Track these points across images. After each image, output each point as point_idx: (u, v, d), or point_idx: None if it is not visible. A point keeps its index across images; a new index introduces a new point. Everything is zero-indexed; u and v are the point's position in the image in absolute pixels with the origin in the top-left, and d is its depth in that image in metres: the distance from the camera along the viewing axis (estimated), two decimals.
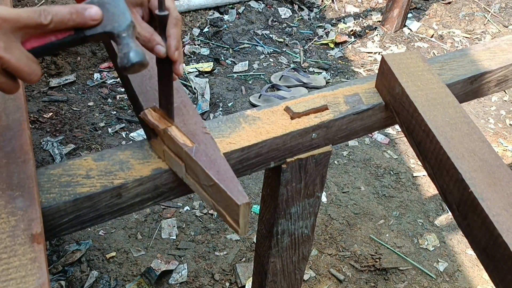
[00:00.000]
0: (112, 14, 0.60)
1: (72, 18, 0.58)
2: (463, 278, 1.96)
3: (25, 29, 0.57)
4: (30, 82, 0.60)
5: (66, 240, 1.96)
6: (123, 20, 0.60)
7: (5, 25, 0.55)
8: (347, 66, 3.20)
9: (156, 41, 0.68)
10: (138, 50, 0.59)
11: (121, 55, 0.59)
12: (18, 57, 0.57)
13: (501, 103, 2.98)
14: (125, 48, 0.59)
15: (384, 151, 2.55)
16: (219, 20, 3.40)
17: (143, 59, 0.59)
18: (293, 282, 1.19)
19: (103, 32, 0.60)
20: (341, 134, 0.95)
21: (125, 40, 0.60)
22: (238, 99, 2.82)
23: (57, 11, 0.58)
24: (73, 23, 0.59)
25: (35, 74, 0.59)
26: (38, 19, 0.57)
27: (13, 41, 0.57)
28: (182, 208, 2.14)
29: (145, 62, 0.60)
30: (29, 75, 0.59)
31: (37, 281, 0.57)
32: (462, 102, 1.04)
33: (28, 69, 0.58)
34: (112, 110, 2.64)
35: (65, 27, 0.59)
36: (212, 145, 0.74)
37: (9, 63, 0.56)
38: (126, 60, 0.59)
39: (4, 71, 0.58)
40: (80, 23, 0.59)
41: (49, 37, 0.59)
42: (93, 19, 0.59)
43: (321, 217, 2.15)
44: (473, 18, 3.74)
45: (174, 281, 1.85)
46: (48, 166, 0.75)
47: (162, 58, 0.70)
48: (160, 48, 0.68)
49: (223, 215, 0.70)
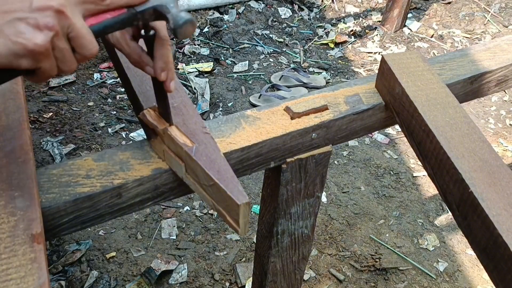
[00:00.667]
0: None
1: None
2: (463, 278, 1.96)
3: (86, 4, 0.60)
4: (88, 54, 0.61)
5: (66, 240, 1.96)
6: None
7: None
8: (347, 66, 3.20)
9: (145, 62, 0.70)
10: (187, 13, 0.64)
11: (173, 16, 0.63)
12: (82, 24, 0.60)
13: (501, 103, 2.98)
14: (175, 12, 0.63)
15: (384, 151, 2.55)
16: (219, 20, 3.40)
17: (192, 18, 0.63)
18: (293, 282, 1.19)
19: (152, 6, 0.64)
20: (341, 134, 0.95)
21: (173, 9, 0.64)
22: (238, 99, 2.82)
23: None
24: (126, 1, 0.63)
25: (94, 46, 0.61)
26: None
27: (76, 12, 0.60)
28: (182, 208, 2.14)
29: (194, 21, 0.64)
30: (90, 44, 0.61)
31: (37, 281, 0.57)
32: (462, 102, 1.04)
33: (89, 38, 0.60)
34: (112, 110, 2.64)
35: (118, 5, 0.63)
36: (212, 145, 0.74)
37: (74, 27, 0.58)
38: (178, 18, 0.62)
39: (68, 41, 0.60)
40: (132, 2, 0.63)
41: (105, 15, 0.63)
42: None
43: (321, 217, 2.15)
44: (473, 18, 3.74)
45: (174, 281, 1.85)
46: (48, 166, 0.75)
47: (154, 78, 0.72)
48: (149, 69, 0.70)
49: (223, 215, 0.70)
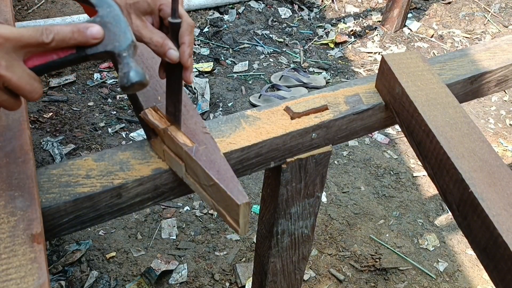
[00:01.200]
0: (114, 34, 0.61)
1: (74, 37, 0.59)
2: (463, 278, 1.96)
3: (27, 48, 0.58)
4: (31, 100, 0.60)
5: (66, 240, 1.96)
6: (124, 40, 0.61)
7: (7, 44, 0.56)
8: (347, 66, 3.20)
9: (169, 45, 0.68)
10: (138, 70, 0.60)
11: (121, 74, 0.60)
12: (19, 75, 0.57)
13: (501, 103, 2.98)
14: (125, 68, 0.60)
15: (384, 151, 2.55)
16: (219, 20, 3.40)
17: (143, 78, 0.60)
18: (293, 282, 1.19)
19: (104, 51, 0.61)
20: (341, 134, 0.95)
21: (125, 59, 0.60)
22: (238, 99, 2.82)
23: (59, 30, 0.58)
24: (75, 42, 0.59)
25: (36, 92, 0.60)
26: (40, 38, 0.57)
27: (15, 59, 0.57)
28: (182, 208, 2.14)
29: (145, 81, 0.60)
30: (31, 93, 0.59)
31: (37, 281, 0.57)
32: (462, 102, 1.04)
33: (29, 87, 0.59)
34: (112, 110, 2.64)
35: (66, 45, 0.59)
36: (212, 145, 0.74)
37: (11, 82, 0.57)
38: (126, 80, 0.59)
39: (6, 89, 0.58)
40: (81, 42, 0.60)
41: (51, 55, 0.60)
42: (94, 38, 0.60)
43: (321, 217, 2.15)
44: (473, 18, 3.74)
45: (174, 281, 1.85)
46: (48, 166, 0.75)
47: (173, 65, 0.70)
48: (173, 53, 0.68)
49: (223, 215, 0.70)
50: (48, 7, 3.35)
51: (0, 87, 0.57)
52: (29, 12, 3.27)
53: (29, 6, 3.32)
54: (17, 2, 3.30)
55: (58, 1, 3.40)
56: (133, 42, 0.61)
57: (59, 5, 3.37)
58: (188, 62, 0.69)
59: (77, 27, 0.59)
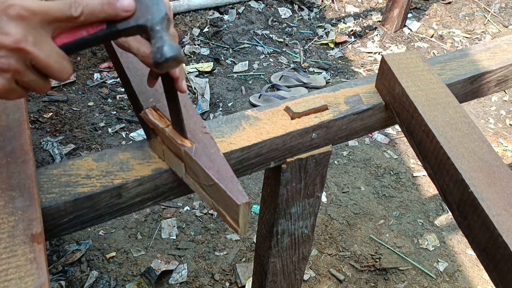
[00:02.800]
0: (146, 6, 0.57)
1: (104, 9, 0.55)
2: (463, 278, 1.96)
3: (55, 23, 0.55)
4: (60, 80, 0.57)
5: (66, 240, 1.96)
6: (157, 12, 0.57)
7: (34, 18, 0.53)
8: (347, 66, 3.20)
9: None
10: (173, 44, 0.56)
11: (154, 49, 0.56)
12: (48, 53, 0.54)
13: (501, 103, 2.98)
14: (159, 42, 0.56)
15: (384, 151, 2.55)
16: (219, 20, 3.40)
17: (178, 53, 0.56)
18: (293, 282, 1.19)
19: (136, 25, 0.57)
20: (341, 134, 0.95)
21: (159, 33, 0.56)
22: (238, 99, 2.82)
23: (87, 3, 0.55)
24: (105, 15, 0.56)
25: (66, 71, 0.57)
26: (68, 11, 0.54)
27: (43, 35, 0.54)
28: (182, 208, 2.14)
29: (179, 57, 0.56)
30: (60, 73, 0.56)
31: (37, 281, 0.57)
32: (462, 102, 1.04)
33: (58, 66, 0.56)
34: (112, 110, 2.64)
35: (96, 19, 0.56)
36: (212, 145, 0.74)
37: (38, 59, 0.54)
38: (159, 55, 0.55)
39: (34, 68, 0.55)
40: (111, 15, 0.56)
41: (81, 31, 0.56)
42: (125, 10, 0.56)
43: (321, 217, 2.15)
44: (473, 18, 3.74)
45: (174, 281, 1.85)
46: (48, 166, 0.75)
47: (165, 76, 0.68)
48: None
49: (223, 215, 0.70)
50: None
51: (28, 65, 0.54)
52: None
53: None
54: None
55: None
56: (167, 15, 0.57)
57: None
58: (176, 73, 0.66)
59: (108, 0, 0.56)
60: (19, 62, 0.53)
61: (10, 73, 0.53)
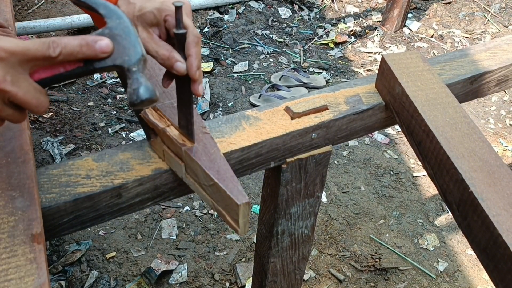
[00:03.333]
0: (123, 47, 0.58)
1: (82, 50, 0.57)
2: (463, 278, 1.96)
3: (33, 62, 0.56)
4: (37, 113, 0.59)
5: (66, 240, 1.96)
6: (134, 54, 0.58)
7: (13, 58, 0.54)
8: (347, 66, 3.20)
9: (175, 58, 0.66)
10: (148, 86, 0.58)
11: (130, 90, 0.58)
12: (25, 90, 0.56)
13: (501, 103, 2.98)
14: (135, 84, 0.58)
15: (384, 151, 2.55)
16: (219, 20, 3.40)
17: (153, 95, 0.58)
18: (293, 282, 1.19)
19: (113, 65, 0.59)
20: (341, 134, 0.95)
21: (135, 74, 0.58)
22: (238, 99, 2.82)
23: (66, 43, 0.56)
24: (83, 56, 0.57)
25: (42, 106, 0.58)
26: (47, 51, 0.56)
27: (20, 73, 0.55)
28: (182, 208, 2.14)
29: (154, 98, 0.58)
30: (37, 107, 0.58)
31: (37, 281, 0.57)
32: (462, 102, 1.04)
33: (35, 102, 0.57)
34: (112, 110, 2.64)
35: (74, 59, 0.58)
36: (212, 145, 0.74)
37: (16, 97, 0.55)
38: (135, 97, 0.57)
39: (11, 104, 0.57)
40: (90, 56, 0.58)
41: (58, 68, 0.58)
42: (103, 52, 0.58)
43: (321, 217, 2.15)
44: (473, 18, 3.74)
45: (174, 281, 1.85)
46: (48, 166, 0.75)
47: (181, 78, 0.68)
48: (180, 65, 0.66)
49: (223, 214, 0.70)
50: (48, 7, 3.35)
51: (6, 102, 0.56)
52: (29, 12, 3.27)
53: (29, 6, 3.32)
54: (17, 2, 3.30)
55: (58, 1, 3.40)
56: (143, 56, 0.59)
57: (59, 5, 3.37)
58: (196, 75, 0.67)
59: (86, 41, 0.57)
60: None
61: None
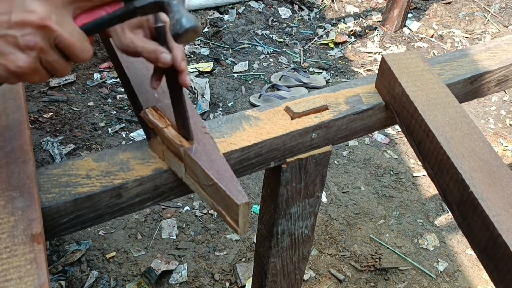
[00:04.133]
0: None
1: None
2: (463, 278, 1.96)
3: (75, 3, 0.56)
4: (82, 60, 0.58)
5: (66, 240, 1.96)
6: None
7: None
8: (347, 66, 3.20)
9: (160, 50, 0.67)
10: (190, 16, 0.57)
11: (173, 22, 0.57)
12: (70, 32, 0.55)
13: (501, 103, 2.98)
14: (177, 15, 0.57)
15: (384, 151, 2.55)
16: (219, 20, 3.40)
17: (196, 24, 0.57)
18: (293, 282, 1.19)
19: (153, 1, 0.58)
20: (341, 134, 0.95)
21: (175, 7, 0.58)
22: (238, 99, 2.82)
23: None
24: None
25: (87, 51, 0.57)
26: None
27: (64, 15, 0.55)
28: (182, 208, 2.14)
29: (198, 27, 0.58)
30: (82, 52, 0.57)
31: (37, 281, 0.57)
32: (462, 102, 1.04)
33: (80, 45, 0.56)
34: (112, 110, 2.64)
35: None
36: (212, 145, 0.74)
37: (62, 37, 0.54)
38: (179, 26, 0.57)
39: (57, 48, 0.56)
40: None
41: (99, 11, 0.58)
42: None
43: (321, 217, 2.15)
44: (473, 18, 3.74)
45: (174, 281, 1.85)
46: (48, 166, 0.75)
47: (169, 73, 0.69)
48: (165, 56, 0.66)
49: (222, 214, 0.70)
50: None
51: (51, 44, 0.55)
52: None
53: None
54: None
55: None
56: None
57: None
58: (181, 65, 0.67)
59: None
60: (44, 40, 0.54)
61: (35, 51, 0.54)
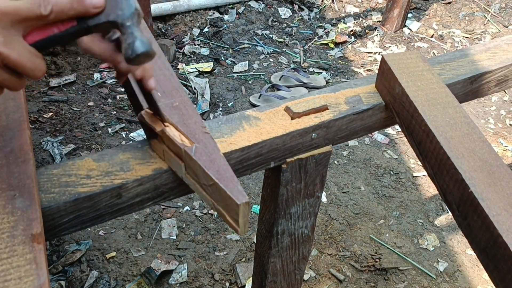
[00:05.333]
0: (115, 1, 0.57)
1: (73, 7, 0.56)
2: (463, 278, 1.96)
3: (25, 22, 0.55)
4: (34, 78, 0.57)
5: (66, 240, 1.96)
6: (127, 8, 0.57)
7: (4, 18, 0.53)
8: (347, 66, 3.20)
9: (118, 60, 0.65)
10: (144, 40, 0.56)
11: (125, 45, 0.56)
12: (19, 52, 0.55)
13: (501, 103, 2.98)
14: (130, 38, 0.56)
15: (384, 151, 2.55)
16: (219, 20, 3.40)
17: (149, 49, 0.56)
18: (293, 282, 1.19)
19: (106, 21, 0.57)
20: (341, 134, 0.94)
21: (129, 29, 0.57)
22: (238, 99, 2.82)
23: (57, 1, 0.55)
24: (74, 12, 0.56)
25: (39, 69, 0.57)
26: (38, 10, 0.55)
27: (13, 35, 0.54)
28: (182, 208, 2.14)
29: (151, 52, 0.57)
30: (33, 71, 0.57)
31: (37, 281, 0.57)
32: (462, 102, 1.04)
33: (31, 64, 0.56)
34: (112, 110, 2.64)
35: (66, 17, 0.56)
36: (212, 145, 0.74)
37: (10, 59, 0.54)
38: (130, 51, 0.56)
39: (6, 67, 0.56)
40: (81, 12, 0.56)
41: (51, 28, 0.57)
42: (95, 7, 0.57)
43: (321, 217, 2.15)
44: (473, 18, 3.74)
45: (174, 281, 1.85)
46: (48, 166, 0.75)
47: None
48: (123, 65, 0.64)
49: (222, 214, 0.70)
50: None
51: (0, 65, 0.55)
52: None
53: None
54: None
55: None
56: (137, 10, 0.57)
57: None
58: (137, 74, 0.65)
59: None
60: None
61: None
